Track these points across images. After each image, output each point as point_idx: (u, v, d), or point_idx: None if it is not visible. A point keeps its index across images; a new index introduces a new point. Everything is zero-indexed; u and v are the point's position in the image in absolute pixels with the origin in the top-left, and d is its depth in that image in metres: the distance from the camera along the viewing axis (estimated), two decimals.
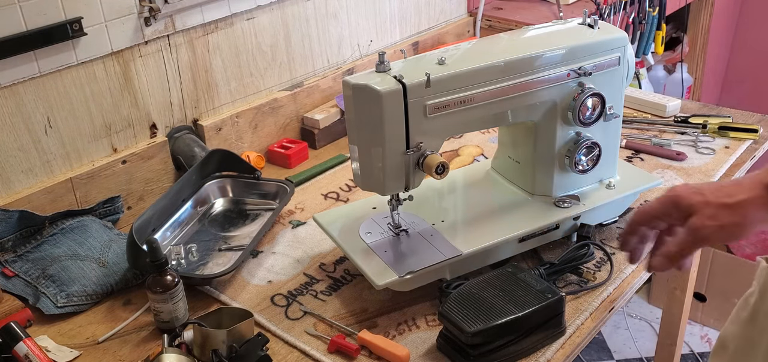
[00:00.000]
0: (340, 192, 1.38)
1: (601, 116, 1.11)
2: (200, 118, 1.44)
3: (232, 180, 1.37)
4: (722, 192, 0.83)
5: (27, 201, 1.19)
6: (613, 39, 1.10)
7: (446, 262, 1.02)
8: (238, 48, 1.46)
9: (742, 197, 0.80)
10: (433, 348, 0.96)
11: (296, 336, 1.00)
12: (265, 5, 1.47)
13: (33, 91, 1.18)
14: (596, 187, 1.18)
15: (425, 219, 1.12)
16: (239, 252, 1.17)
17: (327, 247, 1.20)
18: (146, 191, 1.36)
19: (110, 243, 1.18)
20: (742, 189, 0.81)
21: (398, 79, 0.96)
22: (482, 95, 1.02)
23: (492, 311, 0.91)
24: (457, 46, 1.09)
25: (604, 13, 1.95)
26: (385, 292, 1.05)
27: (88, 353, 1.01)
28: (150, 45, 1.31)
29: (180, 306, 1.02)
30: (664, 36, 2.23)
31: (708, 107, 1.59)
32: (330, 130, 1.58)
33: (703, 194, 0.84)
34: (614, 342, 2.42)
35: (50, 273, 1.11)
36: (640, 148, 1.43)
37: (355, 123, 1.00)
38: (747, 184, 0.82)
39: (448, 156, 1.48)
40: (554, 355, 0.93)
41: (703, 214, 0.82)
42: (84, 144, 1.27)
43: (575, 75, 1.07)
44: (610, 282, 1.05)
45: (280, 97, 1.54)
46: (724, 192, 0.82)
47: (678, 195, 0.86)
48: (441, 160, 0.98)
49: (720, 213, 0.81)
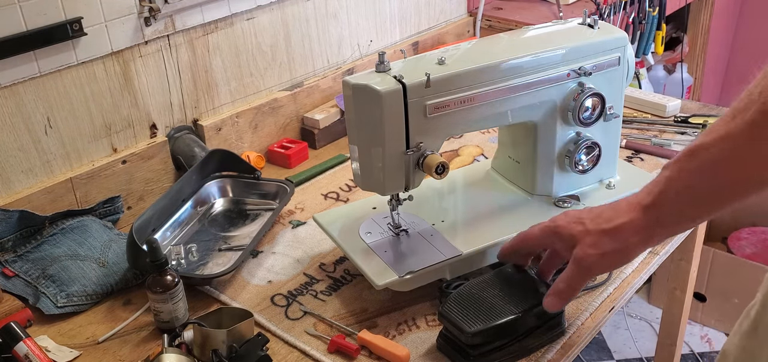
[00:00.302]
0: (340, 192, 1.38)
1: (601, 116, 1.11)
2: (200, 118, 1.44)
3: (232, 180, 1.37)
4: (602, 218, 0.81)
5: (27, 201, 1.19)
6: (613, 39, 1.10)
7: (446, 262, 1.02)
8: (238, 48, 1.46)
9: (620, 221, 0.79)
10: (433, 348, 0.96)
11: (296, 336, 1.00)
12: (265, 5, 1.47)
13: (33, 91, 1.18)
14: (596, 187, 1.18)
15: (425, 219, 1.12)
16: (239, 252, 1.17)
17: (327, 247, 1.20)
18: (146, 191, 1.36)
19: (110, 243, 1.18)
20: (620, 213, 0.80)
21: (398, 79, 0.96)
22: (482, 95, 1.02)
23: (492, 311, 0.91)
24: (457, 46, 1.09)
25: (604, 13, 1.95)
26: (385, 292, 1.05)
27: (88, 353, 1.01)
28: (150, 45, 1.31)
29: (180, 306, 1.02)
30: (664, 36, 2.23)
31: (708, 107, 1.59)
32: (330, 130, 1.58)
33: (583, 223, 0.82)
34: (614, 342, 2.42)
35: (50, 273, 1.11)
36: (640, 148, 1.43)
37: (355, 123, 1.00)
38: (624, 208, 0.80)
39: (448, 156, 1.48)
40: (554, 355, 0.93)
41: (584, 243, 0.81)
42: (84, 144, 1.27)
43: (575, 75, 1.07)
44: (610, 282, 1.05)
45: (280, 97, 1.54)
46: (603, 218, 0.81)
47: (557, 225, 0.85)
48: (441, 160, 0.98)
49: (600, 240, 0.80)
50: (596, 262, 0.81)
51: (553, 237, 0.87)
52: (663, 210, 0.77)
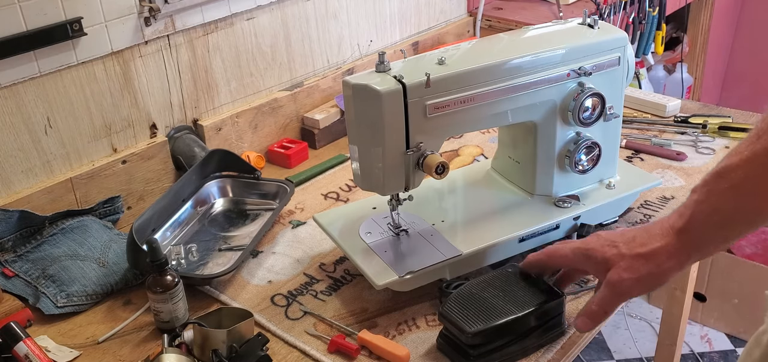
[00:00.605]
0: (340, 192, 1.38)
1: (601, 116, 1.11)
2: (200, 118, 1.44)
3: (232, 180, 1.37)
4: (636, 242, 0.82)
5: (27, 201, 1.19)
6: (613, 39, 1.10)
7: (446, 262, 1.02)
8: (238, 48, 1.46)
9: (655, 246, 0.80)
10: (433, 348, 0.96)
11: (296, 336, 1.00)
12: (265, 5, 1.47)
13: (33, 91, 1.18)
14: (596, 187, 1.18)
15: (425, 219, 1.12)
16: (239, 252, 1.17)
17: (327, 247, 1.20)
18: (146, 191, 1.36)
19: (110, 243, 1.18)
20: (654, 238, 0.80)
21: (398, 79, 0.96)
22: (482, 95, 1.02)
23: (492, 311, 0.91)
24: (457, 46, 1.09)
25: (604, 13, 1.95)
26: (385, 292, 1.05)
27: (88, 353, 1.01)
28: (150, 45, 1.31)
29: (180, 306, 1.02)
30: (664, 36, 2.23)
31: (708, 107, 1.59)
32: (330, 130, 1.58)
33: (616, 246, 0.83)
34: (614, 342, 2.42)
35: (50, 273, 1.11)
36: (640, 148, 1.43)
37: (355, 123, 1.00)
38: (657, 232, 0.80)
39: (448, 156, 1.48)
40: (554, 355, 0.93)
41: (619, 267, 0.82)
42: (84, 144, 1.27)
43: (575, 75, 1.07)
44: None
45: (280, 97, 1.54)
46: (637, 242, 0.82)
47: (590, 248, 0.86)
48: (441, 160, 0.98)
49: (635, 264, 0.81)
50: (632, 286, 0.82)
51: (585, 259, 0.87)
52: (695, 234, 0.78)
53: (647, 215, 1.21)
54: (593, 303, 0.86)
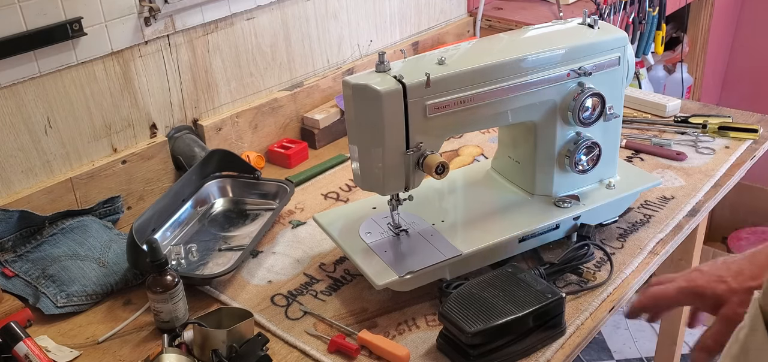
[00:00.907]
0: (340, 192, 1.38)
1: (601, 116, 1.11)
2: (200, 118, 1.44)
3: (232, 180, 1.37)
4: (744, 275, 0.81)
5: (27, 201, 1.19)
6: (613, 39, 1.10)
7: (446, 262, 1.02)
8: (238, 48, 1.46)
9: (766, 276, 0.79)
10: (433, 348, 0.96)
11: (296, 336, 1.00)
12: (265, 5, 1.47)
13: (33, 91, 1.18)
14: (596, 187, 1.18)
15: (425, 219, 1.12)
16: (239, 252, 1.17)
17: (327, 247, 1.20)
18: (146, 191, 1.36)
19: (110, 243, 1.18)
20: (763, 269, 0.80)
21: (398, 79, 0.96)
22: (482, 95, 1.02)
23: (492, 311, 0.91)
24: (457, 46, 1.09)
25: (604, 13, 1.95)
26: (385, 292, 1.05)
27: (88, 353, 1.01)
28: (150, 45, 1.31)
29: (180, 306, 1.02)
30: (664, 36, 2.23)
31: (708, 107, 1.59)
32: (330, 130, 1.58)
33: (725, 281, 0.82)
34: (614, 342, 2.42)
35: (50, 273, 1.11)
36: (640, 148, 1.43)
37: (355, 123, 1.00)
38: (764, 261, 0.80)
39: (448, 156, 1.48)
40: (554, 355, 0.93)
41: (732, 302, 0.81)
42: (84, 144, 1.27)
43: (575, 75, 1.07)
44: (610, 282, 1.05)
45: (280, 97, 1.54)
46: (746, 275, 0.81)
47: (699, 286, 0.85)
48: (441, 160, 0.98)
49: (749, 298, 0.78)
50: None
51: (694, 298, 0.86)
52: None
53: (647, 215, 1.21)
54: (709, 338, 0.85)
